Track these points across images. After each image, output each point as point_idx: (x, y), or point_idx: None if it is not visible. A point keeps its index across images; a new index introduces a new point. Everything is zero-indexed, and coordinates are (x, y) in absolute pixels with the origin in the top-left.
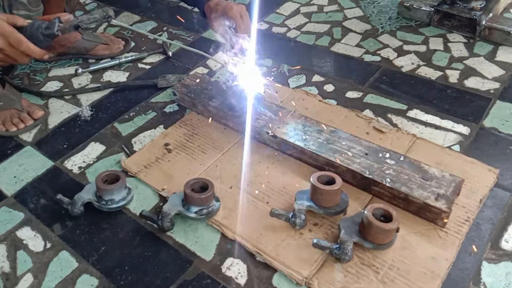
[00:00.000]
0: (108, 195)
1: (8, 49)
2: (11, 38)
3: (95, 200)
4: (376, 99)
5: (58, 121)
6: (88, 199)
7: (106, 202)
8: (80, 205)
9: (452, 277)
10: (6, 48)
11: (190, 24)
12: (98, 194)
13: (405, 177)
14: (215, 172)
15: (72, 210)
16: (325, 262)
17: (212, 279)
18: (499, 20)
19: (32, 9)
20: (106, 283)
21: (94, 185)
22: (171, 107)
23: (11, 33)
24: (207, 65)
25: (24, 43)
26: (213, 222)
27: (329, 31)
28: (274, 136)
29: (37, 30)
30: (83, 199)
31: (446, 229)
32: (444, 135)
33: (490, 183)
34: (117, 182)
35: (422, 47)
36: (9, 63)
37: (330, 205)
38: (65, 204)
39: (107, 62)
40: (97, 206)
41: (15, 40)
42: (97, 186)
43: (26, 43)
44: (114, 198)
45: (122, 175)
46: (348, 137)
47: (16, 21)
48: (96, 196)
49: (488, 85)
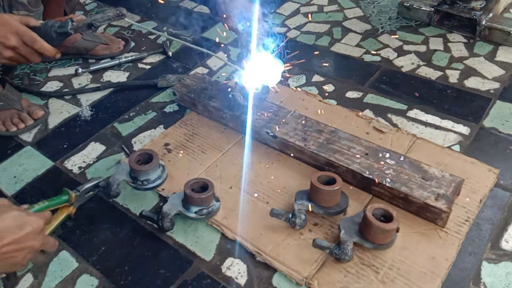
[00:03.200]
0: (143, 175)
1: (21, 48)
2: (25, 36)
3: (130, 181)
4: (376, 99)
5: (58, 121)
6: (123, 180)
7: (141, 182)
8: (115, 186)
9: (452, 277)
10: (20, 47)
11: (190, 23)
12: (132, 175)
13: (405, 177)
14: (215, 172)
15: (109, 192)
16: (325, 262)
17: (212, 279)
18: (499, 20)
19: (32, 9)
20: (106, 283)
21: (126, 165)
22: (171, 107)
23: (25, 31)
24: (207, 65)
25: (38, 41)
26: (213, 222)
27: (329, 31)
28: (274, 136)
29: (51, 28)
30: (118, 180)
31: (446, 229)
32: (444, 135)
33: (490, 183)
34: (151, 162)
35: (422, 47)
36: (20, 62)
37: (330, 205)
38: (100, 187)
39: (107, 62)
40: (133, 187)
41: (30, 38)
42: (131, 167)
43: (40, 42)
44: (149, 178)
45: (154, 154)
46: (348, 137)
47: (29, 21)
48: (130, 177)
49: (488, 85)
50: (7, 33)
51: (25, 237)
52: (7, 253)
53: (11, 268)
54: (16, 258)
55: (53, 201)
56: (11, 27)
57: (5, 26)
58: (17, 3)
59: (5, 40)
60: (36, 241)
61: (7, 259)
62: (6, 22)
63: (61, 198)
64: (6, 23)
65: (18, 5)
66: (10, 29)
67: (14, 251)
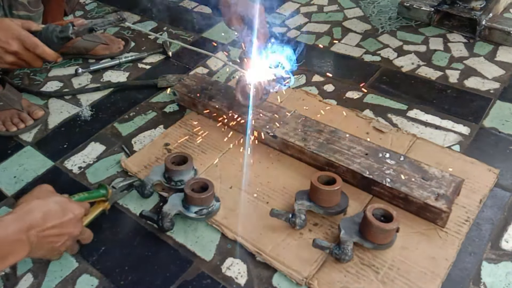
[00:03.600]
0: (177, 176)
1: (23, 53)
2: (27, 41)
3: (164, 181)
4: (376, 99)
5: (58, 121)
6: (157, 180)
7: (175, 183)
8: (150, 186)
9: (452, 277)
10: (22, 52)
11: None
12: (167, 175)
13: (405, 177)
14: (215, 172)
15: (143, 192)
16: (325, 262)
17: (212, 279)
18: (499, 20)
19: (32, 9)
20: (106, 283)
21: (160, 167)
22: (171, 107)
23: (26, 37)
24: (207, 65)
25: (40, 46)
26: (213, 222)
27: (329, 31)
28: (274, 136)
29: (52, 33)
30: (153, 180)
31: (446, 229)
32: (444, 135)
33: (490, 183)
34: (186, 163)
35: (422, 47)
36: (22, 67)
37: (330, 205)
38: (135, 187)
39: (107, 62)
40: (167, 187)
41: (31, 44)
42: (167, 167)
43: (42, 46)
44: (183, 179)
45: (189, 156)
46: (348, 137)
47: (31, 26)
48: (165, 177)
49: (488, 85)
50: (9, 38)
51: (67, 223)
52: (49, 236)
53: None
54: (56, 244)
55: (92, 194)
56: (12, 32)
57: (7, 31)
58: (17, 3)
59: (7, 46)
60: (76, 228)
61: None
62: (7, 27)
63: (99, 192)
64: (7, 28)
65: (18, 5)
66: (11, 34)
67: (56, 235)
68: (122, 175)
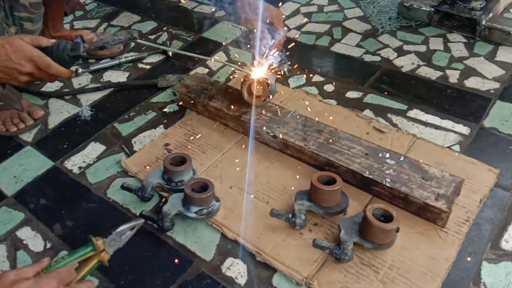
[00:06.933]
0: (177, 176)
1: (37, 73)
2: (40, 62)
3: (164, 183)
4: (376, 99)
5: (58, 121)
6: (157, 183)
7: (176, 183)
8: (150, 189)
9: (452, 277)
10: (35, 72)
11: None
12: (167, 177)
13: (405, 177)
14: (215, 172)
15: (143, 196)
16: (325, 262)
17: (212, 279)
18: (499, 20)
19: (33, 11)
20: (106, 283)
21: (158, 170)
22: (171, 107)
23: (39, 58)
24: (207, 65)
25: (53, 67)
26: (213, 222)
27: (329, 31)
28: (274, 136)
29: (63, 52)
30: (152, 183)
31: (446, 229)
32: (444, 135)
33: (490, 183)
34: (185, 163)
35: (422, 47)
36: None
37: (330, 205)
38: (134, 191)
39: (107, 62)
40: (167, 188)
41: (44, 64)
42: (166, 168)
43: (55, 67)
44: (183, 179)
45: (188, 157)
46: (348, 137)
47: (41, 42)
48: (164, 179)
49: (488, 85)
50: (22, 59)
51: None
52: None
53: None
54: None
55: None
56: (24, 53)
57: (19, 53)
58: (18, 4)
59: (21, 67)
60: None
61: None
62: (19, 48)
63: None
64: (19, 50)
65: (19, 6)
66: (24, 55)
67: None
68: (122, 175)
